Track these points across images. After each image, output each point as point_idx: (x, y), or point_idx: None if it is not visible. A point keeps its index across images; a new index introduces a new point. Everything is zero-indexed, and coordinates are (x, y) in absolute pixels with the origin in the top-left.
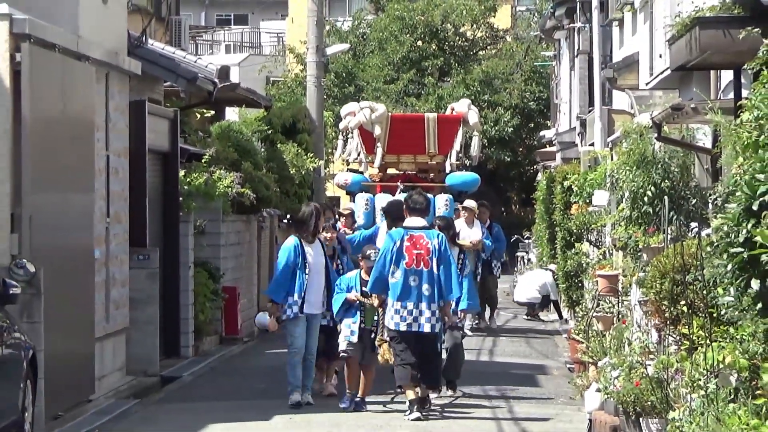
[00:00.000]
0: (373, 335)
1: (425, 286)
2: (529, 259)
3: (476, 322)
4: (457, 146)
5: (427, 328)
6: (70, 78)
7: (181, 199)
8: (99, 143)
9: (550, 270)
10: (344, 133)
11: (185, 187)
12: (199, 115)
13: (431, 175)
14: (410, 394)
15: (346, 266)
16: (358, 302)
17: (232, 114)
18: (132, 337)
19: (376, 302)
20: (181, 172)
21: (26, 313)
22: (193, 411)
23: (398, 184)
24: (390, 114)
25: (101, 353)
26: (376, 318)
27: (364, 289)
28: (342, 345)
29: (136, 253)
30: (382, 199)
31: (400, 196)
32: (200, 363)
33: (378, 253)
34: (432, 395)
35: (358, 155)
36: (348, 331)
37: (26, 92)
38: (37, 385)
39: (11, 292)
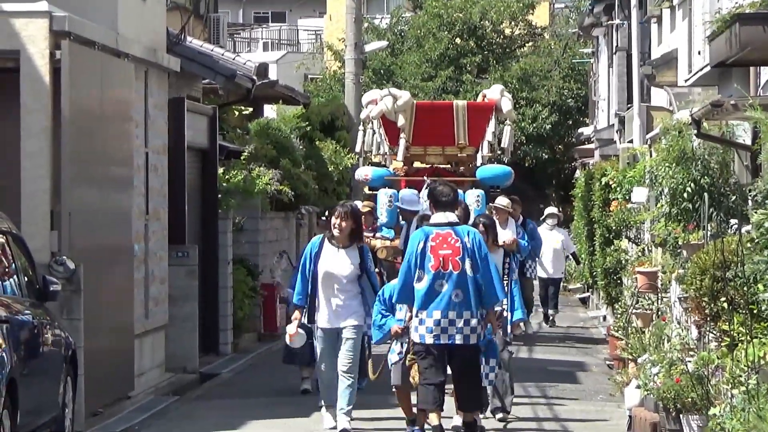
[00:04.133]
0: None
1: (456, 292)
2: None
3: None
4: (489, 136)
5: (459, 340)
6: (109, 75)
7: (219, 196)
8: (138, 140)
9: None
10: (365, 124)
11: (224, 185)
12: (237, 113)
13: (461, 168)
14: (433, 419)
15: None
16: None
17: (270, 111)
18: (171, 334)
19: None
20: (220, 170)
21: (66, 309)
22: (232, 408)
23: (425, 178)
24: (415, 102)
25: (140, 350)
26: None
27: None
28: (394, 377)
29: (175, 250)
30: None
31: (426, 192)
32: (239, 360)
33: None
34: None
35: (381, 147)
36: (395, 356)
37: (66, 89)
38: (77, 382)
39: (51, 289)
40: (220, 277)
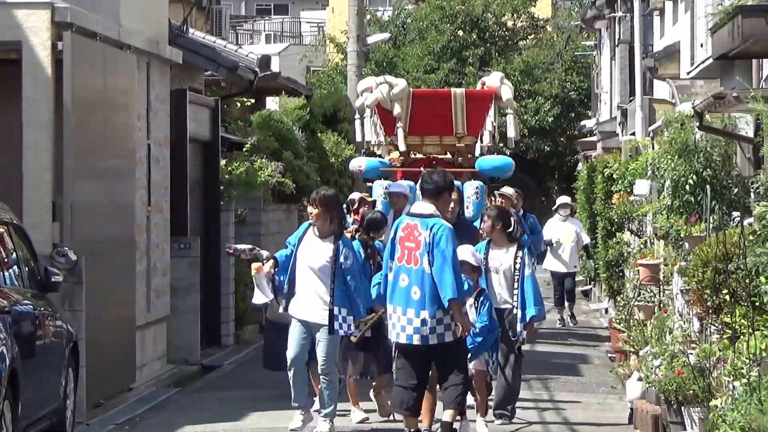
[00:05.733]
0: None
1: (414, 288)
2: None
3: None
4: (489, 126)
5: (416, 340)
6: (112, 67)
7: (222, 188)
8: (140, 132)
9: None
10: (360, 113)
11: (226, 176)
12: (239, 104)
13: (459, 159)
14: (407, 424)
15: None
16: None
17: (272, 103)
18: (173, 326)
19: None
20: (222, 161)
21: (68, 301)
22: (234, 400)
23: (421, 169)
24: (411, 90)
25: (142, 342)
26: None
27: None
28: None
29: (177, 242)
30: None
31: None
32: (241, 352)
33: None
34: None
35: (377, 137)
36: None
37: (68, 81)
38: (78, 373)
39: (53, 280)
40: (222, 269)
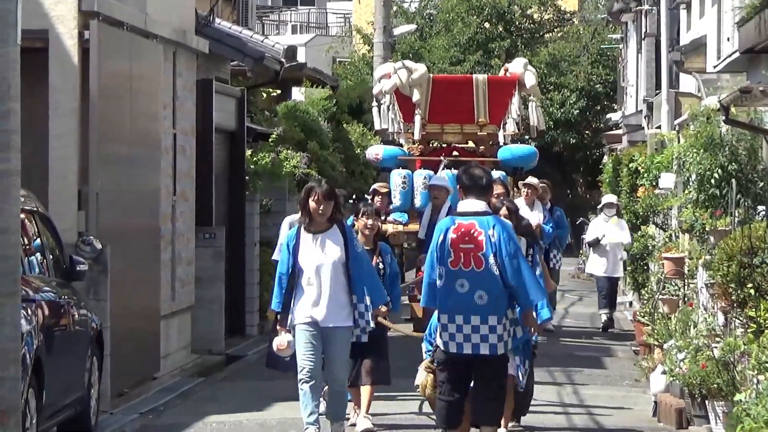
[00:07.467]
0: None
1: (479, 293)
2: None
3: None
4: (513, 113)
5: (484, 350)
6: (138, 56)
7: (247, 178)
8: (166, 121)
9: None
10: (378, 100)
11: (251, 167)
12: (265, 95)
13: (481, 147)
14: None
15: (389, 267)
16: None
17: (298, 94)
18: (197, 316)
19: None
20: (248, 152)
21: (93, 290)
22: (258, 389)
23: (441, 158)
24: (432, 75)
25: (166, 331)
26: None
27: None
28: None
29: (202, 232)
30: (421, 176)
31: (443, 174)
32: (265, 342)
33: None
34: None
35: (396, 125)
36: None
37: (94, 70)
38: (103, 362)
39: (78, 268)
40: (246, 259)
